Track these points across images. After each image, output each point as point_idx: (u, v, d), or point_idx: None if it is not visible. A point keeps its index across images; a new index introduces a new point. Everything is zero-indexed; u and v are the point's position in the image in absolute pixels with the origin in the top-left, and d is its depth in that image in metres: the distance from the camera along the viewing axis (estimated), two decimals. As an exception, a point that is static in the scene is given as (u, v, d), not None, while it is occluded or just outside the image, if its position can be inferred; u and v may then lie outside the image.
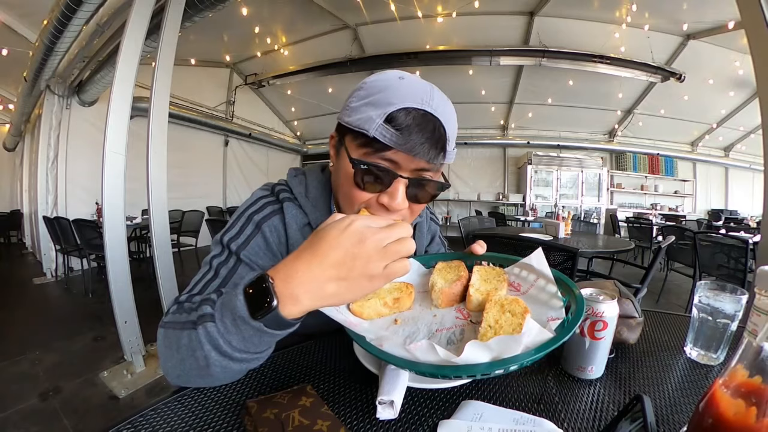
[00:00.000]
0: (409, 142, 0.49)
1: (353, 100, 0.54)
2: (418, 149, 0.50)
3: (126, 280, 2.04)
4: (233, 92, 6.65)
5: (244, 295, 0.40)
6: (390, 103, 0.49)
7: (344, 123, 0.54)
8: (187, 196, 5.56)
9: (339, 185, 0.58)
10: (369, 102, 0.51)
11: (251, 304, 0.39)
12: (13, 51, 3.92)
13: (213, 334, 0.41)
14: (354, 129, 0.51)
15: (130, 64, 2.03)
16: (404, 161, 0.51)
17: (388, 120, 0.49)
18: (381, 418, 0.42)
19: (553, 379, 0.53)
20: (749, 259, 2.42)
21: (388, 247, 0.39)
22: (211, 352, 0.42)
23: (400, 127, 0.49)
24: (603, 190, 7.30)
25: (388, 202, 0.52)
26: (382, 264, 0.39)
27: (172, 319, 0.47)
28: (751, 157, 6.97)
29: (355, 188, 0.53)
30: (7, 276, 4.29)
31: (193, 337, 0.43)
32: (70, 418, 1.60)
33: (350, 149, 0.53)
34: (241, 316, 0.39)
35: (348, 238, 0.39)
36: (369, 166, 0.51)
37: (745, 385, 0.27)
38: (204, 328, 0.42)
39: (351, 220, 0.40)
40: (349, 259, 0.39)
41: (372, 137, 0.49)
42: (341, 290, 0.40)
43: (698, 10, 4.04)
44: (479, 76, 5.75)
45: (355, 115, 0.52)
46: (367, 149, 0.51)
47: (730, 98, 5.72)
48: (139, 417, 0.43)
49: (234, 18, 4.28)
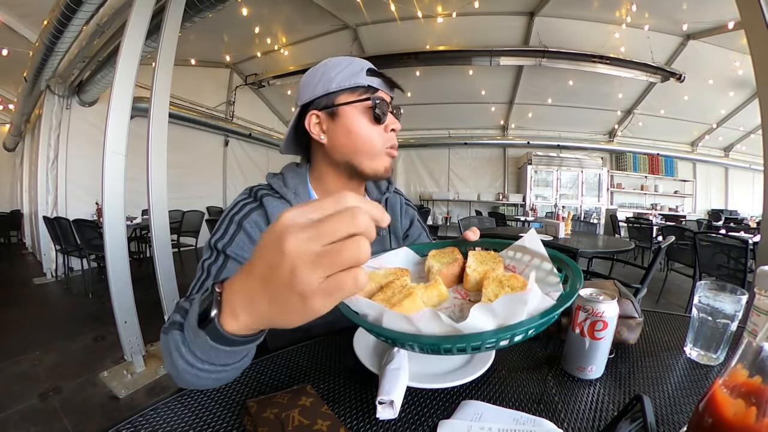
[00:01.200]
0: (386, 83, 0.70)
1: (330, 76, 0.67)
2: (390, 86, 0.71)
3: (126, 280, 2.04)
4: (233, 92, 6.65)
5: (199, 303, 0.37)
6: (361, 66, 0.68)
7: (333, 90, 0.66)
8: (187, 196, 5.56)
9: (357, 140, 0.68)
10: (345, 69, 0.67)
11: (200, 313, 0.36)
12: (14, 51, 3.92)
13: (178, 343, 0.41)
14: (349, 87, 0.66)
15: (130, 65, 2.03)
16: (385, 97, 0.70)
17: (368, 75, 0.67)
18: (381, 418, 0.43)
19: (553, 379, 0.53)
20: (749, 259, 2.42)
21: (324, 250, 0.27)
22: (178, 360, 0.41)
23: (378, 75, 0.69)
24: (603, 190, 7.29)
25: (395, 126, 0.70)
26: (316, 276, 0.27)
27: (168, 324, 0.48)
28: (751, 157, 6.97)
29: (372, 124, 0.67)
30: (7, 276, 4.29)
31: (169, 343, 0.42)
32: (70, 418, 1.60)
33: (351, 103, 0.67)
34: (193, 326, 0.37)
35: (269, 242, 0.29)
36: (377, 98, 0.67)
37: (745, 385, 0.27)
38: (172, 335, 0.42)
39: (282, 214, 0.29)
40: (269, 270, 0.29)
41: (367, 85, 0.66)
42: (273, 311, 0.31)
43: (698, 10, 4.04)
44: (479, 76, 5.75)
45: (342, 80, 0.66)
46: (364, 95, 0.67)
47: (730, 98, 5.72)
48: (139, 417, 0.43)
49: (234, 18, 4.28)
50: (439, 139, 7.64)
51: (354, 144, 0.68)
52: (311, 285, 0.27)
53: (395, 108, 0.72)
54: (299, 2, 4.40)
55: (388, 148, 0.70)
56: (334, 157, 0.70)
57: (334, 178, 0.73)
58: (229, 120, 6.66)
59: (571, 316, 0.55)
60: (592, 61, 4.82)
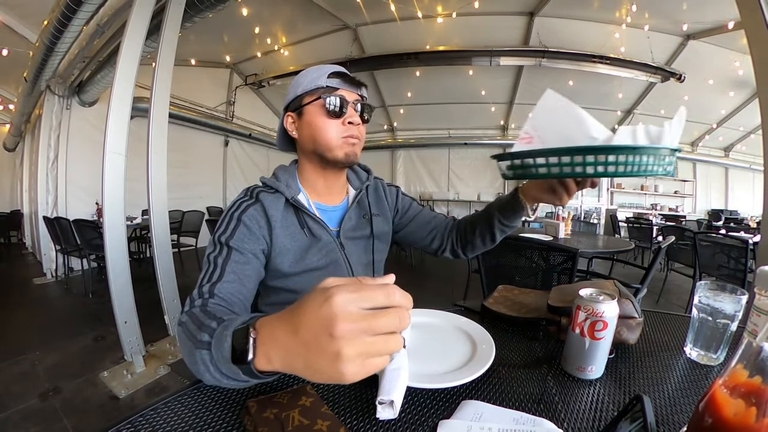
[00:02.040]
0: (347, 82, 0.77)
1: (299, 82, 0.78)
2: (353, 85, 0.77)
3: (126, 280, 2.04)
4: (233, 92, 6.65)
5: (232, 339, 0.40)
6: (325, 71, 0.76)
7: (299, 93, 0.77)
8: (187, 197, 5.56)
9: (314, 132, 0.76)
10: (311, 75, 0.77)
11: (233, 351, 0.40)
12: (14, 51, 3.92)
13: (207, 362, 0.44)
14: (310, 89, 0.75)
15: (130, 65, 2.03)
16: (348, 95, 0.76)
17: (329, 77, 0.75)
18: (381, 418, 0.42)
19: (553, 379, 0.53)
20: (749, 259, 2.42)
21: (371, 341, 0.31)
22: (205, 373, 0.44)
23: (339, 76, 0.76)
24: (603, 191, 7.29)
25: (351, 119, 0.76)
26: (359, 360, 0.31)
27: (187, 321, 0.51)
28: (751, 157, 6.97)
29: (328, 118, 0.75)
30: (7, 276, 4.29)
31: (195, 355, 0.45)
32: (70, 418, 1.60)
33: (310, 102, 0.76)
34: (226, 357, 0.40)
35: (319, 321, 0.32)
36: (333, 96, 0.74)
37: (745, 385, 0.27)
38: (200, 353, 0.44)
39: (331, 293, 0.32)
40: (315, 343, 0.32)
41: (326, 86, 0.75)
42: (309, 373, 0.34)
43: (698, 10, 4.04)
44: (479, 77, 5.75)
45: (307, 85, 0.76)
46: (320, 95, 0.75)
47: (730, 98, 5.72)
48: (139, 417, 0.43)
49: (234, 18, 4.28)
50: (439, 139, 7.64)
51: (314, 136, 0.77)
52: (352, 367, 0.31)
53: (364, 105, 0.79)
54: (299, 2, 4.40)
55: (344, 137, 0.77)
56: (305, 149, 0.80)
57: (311, 168, 0.82)
58: (229, 120, 6.66)
59: (571, 316, 0.55)
60: (592, 61, 4.82)
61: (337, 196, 0.86)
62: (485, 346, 0.60)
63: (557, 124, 0.51)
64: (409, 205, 0.99)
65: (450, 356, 0.58)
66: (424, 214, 0.98)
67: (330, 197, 0.85)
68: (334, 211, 0.85)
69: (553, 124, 0.52)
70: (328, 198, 0.85)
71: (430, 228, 0.95)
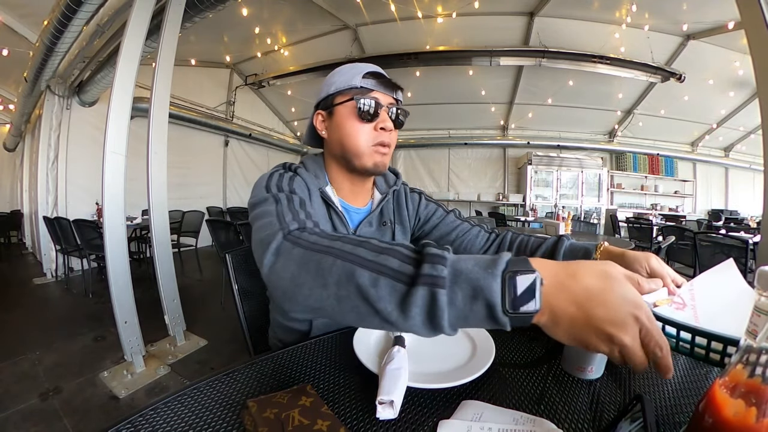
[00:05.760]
0: (383, 83, 0.73)
1: (332, 80, 0.74)
2: (389, 87, 0.74)
3: (126, 280, 2.04)
4: (233, 93, 6.65)
5: (501, 282, 0.35)
6: (360, 70, 0.73)
7: (332, 93, 0.73)
8: (188, 197, 5.56)
9: (343, 137, 0.73)
10: (346, 74, 0.73)
11: (511, 297, 0.35)
12: (14, 51, 3.92)
13: (439, 301, 0.36)
14: (343, 89, 0.72)
15: (130, 65, 2.03)
16: (382, 98, 0.73)
17: (364, 77, 0.72)
18: (381, 418, 0.43)
19: (553, 379, 0.53)
20: (749, 259, 2.41)
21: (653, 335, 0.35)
22: (416, 316, 0.37)
23: (374, 77, 0.73)
24: (603, 191, 7.29)
25: (384, 125, 0.72)
26: (636, 344, 0.34)
27: (329, 245, 0.45)
28: (751, 157, 6.96)
29: (360, 122, 0.72)
30: (7, 276, 4.29)
31: (382, 288, 0.38)
32: (70, 418, 1.60)
33: (342, 103, 0.73)
34: (489, 302, 0.35)
35: (624, 304, 0.34)
36: (366, 98, 0.71)
37: (745, 385, 0.27)
38: (428, 289, 0.36)
39: (636, 293, 0.36)
40: (608, 316, 0.34)
41: (359, 87, 0.71)
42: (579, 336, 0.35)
43: (698, 10, 4.04)
44: (479, 77, 5.75)
45: (340, 84, 0.73)
46: (352, 96, 0.72)
47: (730, 98, 5.72)
48: (139, 417, 0.43)
49: (234, 18, 4.28)
50: (439, 139, 7.64)
51: (343, 139, 0.74)
52: (628, 344, 0.33)
53: (399, 109, 0.75)
54: (299, 2, 4.40)
55: (374, 145, 0.73)
56: (332, 150, 0.78)
57: (338, 169, 0.79)
58: (229, 120, 6.66)
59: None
60: (592, 61, 4.82)
61: (362, 199, 0.84)
62: (485, 346, 0.60)
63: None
64: (433, 212, 0.92)
65: (450, 356, 0.58)
66: (447, 222, 0.90)
67: (354, 199, 0.82)
68: (357, 213, 0.83)
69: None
70: (353, 199, 0.82)
71: (449, 240, 0.88)
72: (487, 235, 0.89)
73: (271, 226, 0.53)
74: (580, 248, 0.75)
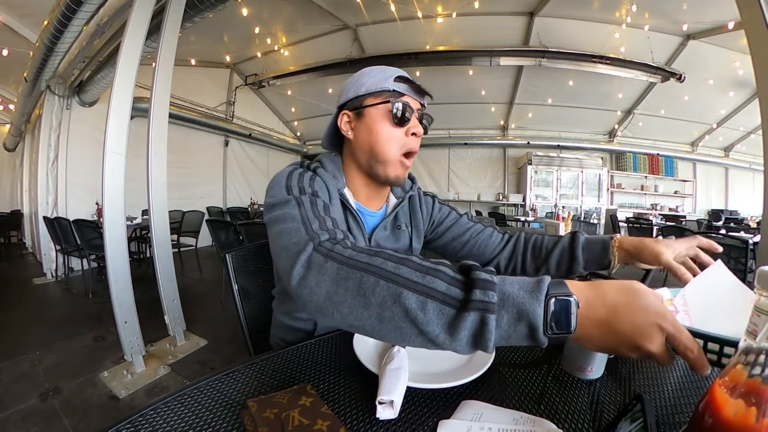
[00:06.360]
0: (414, 89, 0.73)
1: (361, 81, 0.73)
2: (419, 93, 0.74)
3: (126, 280, 2.04)
4: (233, 93, 6.65)
5: (544, 306, 0.37)
6: (391, 74, 0.72)
7: (362, 93, 0.72)
8: (188, 197, 5.56)
9: (374, 140, 0.72)
10: (376, 76, 0.72)
11: (552, 320, 0.37)
12: (14, 51, 3.92)
13: (489, 325, 0.37)
14: (375, 91, 0.71)
15: (130, 65, 2.03)
16: (412, 103, 0.73)
17: (396, 81, 0.72)
18: (381, 418, 0.43)
19: (553, 379, 0.53)
20: (749, 259, 2.41)
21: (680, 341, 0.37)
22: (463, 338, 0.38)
23: (406, 82, 0.73)
24: (603, 191, 7.29)
25: (416, 130, 0.73)
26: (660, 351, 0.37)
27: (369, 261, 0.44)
28: (751, 157, 6.96)
29: (393, 126, 0.71)
30: (7, 276, 4.29)
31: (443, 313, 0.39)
32: (70, 418, 1.60)
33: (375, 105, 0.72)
34: (533, 325, 0.37)
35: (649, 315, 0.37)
36: (399, 102, 0.70)
37: (745, 385, 0.27)
38: (480, 314, 0.38)
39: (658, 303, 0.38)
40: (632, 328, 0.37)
41: (392, 90, 0.71)
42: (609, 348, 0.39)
43: (698, 10, 4.04)
44: (479, 77, 5.75)
45: (371, 86, 0.72)
46: (387, 99, 0.71)
47: (730, 98, 5.72)
48: (139, 417, 0.43)
49: (234, 18, 4.28)
50: (439, 139, 7.64)
51: (373, 142, 0.72)
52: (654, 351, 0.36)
53: (425, 115, 0.76)
54: (299, 2, 4.40)
55: (402, 156, 0.73)
56: (357, 154, 0.76)
57: (356, 174, 0.78)
58: (229, 120, 6.67)
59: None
60: (592, 61, 4.82)
61: (376, 203, 0.83)
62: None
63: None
64: (446, 215, 0.93)
65: (450, 356, 0.58)
66: (461, 224, 0.91)
67: (369, 202, 0.82)
68: (372, 217, 0.82)
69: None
70: (368, 202, 0.82)
71: (463, 241, 0.89)
72: (501, 235, 0.90)
73: (297, 233, 0.52)
74: (596, 242, 0.78)
